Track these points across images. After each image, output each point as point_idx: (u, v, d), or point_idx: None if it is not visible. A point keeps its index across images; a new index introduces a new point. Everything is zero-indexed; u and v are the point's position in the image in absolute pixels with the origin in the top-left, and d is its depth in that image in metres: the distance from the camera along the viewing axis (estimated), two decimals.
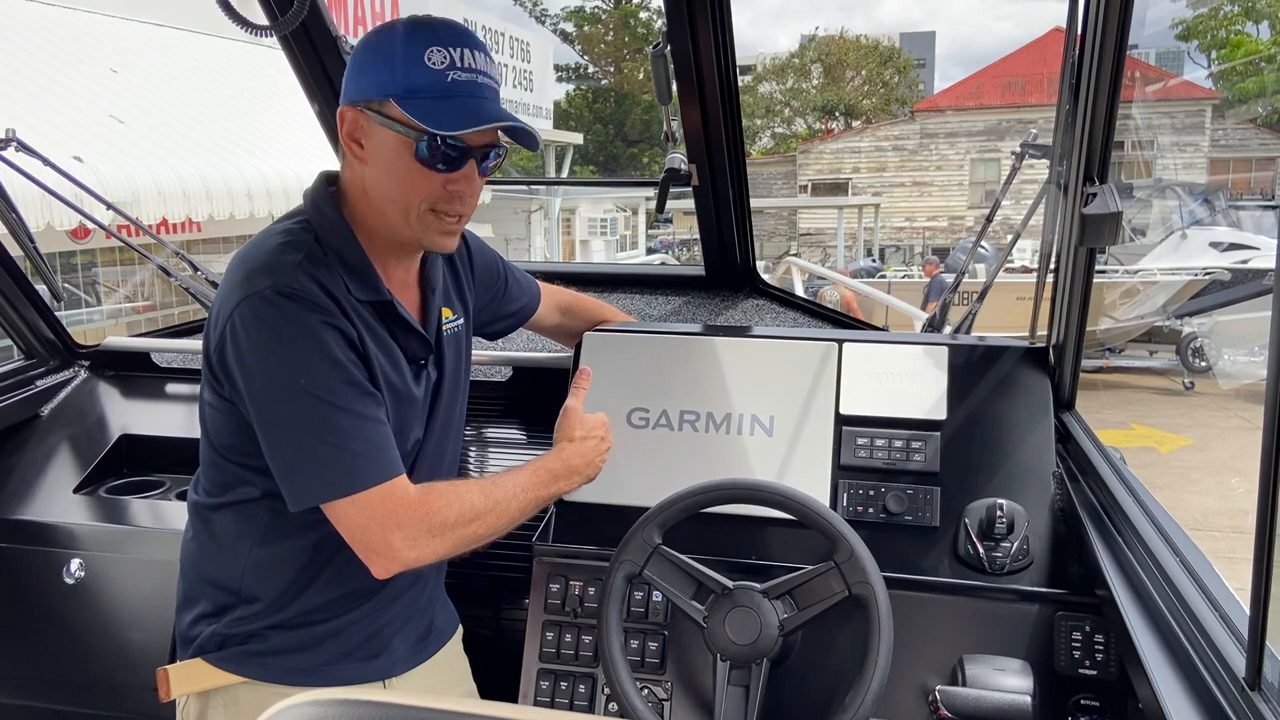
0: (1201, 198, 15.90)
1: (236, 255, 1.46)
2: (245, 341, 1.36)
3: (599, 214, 20.73)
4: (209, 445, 1.52)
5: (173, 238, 8.70)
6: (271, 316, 1.35)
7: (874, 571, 1.52)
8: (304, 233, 1.45)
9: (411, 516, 1.39)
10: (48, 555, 2.12)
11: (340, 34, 2.26)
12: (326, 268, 1.42)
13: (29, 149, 2.37)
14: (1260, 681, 1.06)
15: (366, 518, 1.37)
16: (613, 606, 1.58)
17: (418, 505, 1.40)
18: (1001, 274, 2.31)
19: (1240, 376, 10.91)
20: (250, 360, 1.36)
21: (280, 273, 1.37)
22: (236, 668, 1.51)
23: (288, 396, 1.35)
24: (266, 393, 1.37)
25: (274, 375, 1.36)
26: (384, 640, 1.59)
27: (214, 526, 1.53)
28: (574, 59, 37.00)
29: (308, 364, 1.35)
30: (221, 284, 1.45)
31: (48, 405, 2.52)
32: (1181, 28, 26.21)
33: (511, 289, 1.90)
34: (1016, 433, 1.82)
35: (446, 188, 1.43)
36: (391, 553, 1.38)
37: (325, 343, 1.36)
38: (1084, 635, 1.62)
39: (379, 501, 1.37)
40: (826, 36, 39.25)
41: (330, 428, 1.35)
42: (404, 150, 1.40)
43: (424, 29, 1.40)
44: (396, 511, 1.38)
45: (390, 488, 1.38)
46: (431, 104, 1.37)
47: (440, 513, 1.41)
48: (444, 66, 1.39)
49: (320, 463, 1.36)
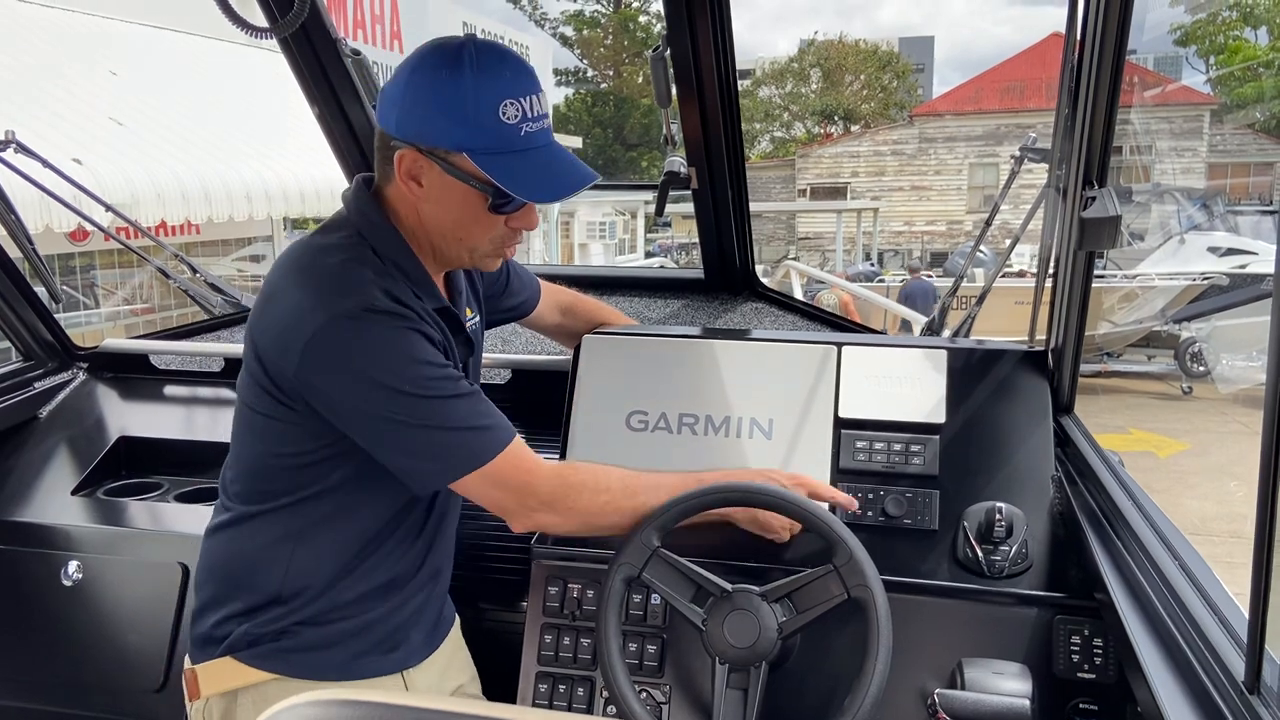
0: (1200, 203, 15.91)
1: (292, 270, 1.47)
2: (342, 361, 1.39)
3: (598, 217, 20.74)
4: (262, 454, 1.53)
5: (171, 240, 8.69)
6: (363, 334, 1.38)
7: (873, 575, 1.51)
8: (360, 246, 1.47)
9: (540, 468, 1.49)
10: (46, 557, 2.12)
11: (340, 36, 2.26)
12: (392, 279, 1.45)
13: (28, 151, 2.38)
14: (1259, 685, 1.06)
15: (505, 481, 1.47)
16: (611, 609, 1.58)
17: (544, 472, 1.50)
18: (1000, 278, 2.31)
19: (1239, 381, 10.91)
20: (348, 378, 1.39)
21: (359, 290, 1.40)
22: (268, 665, 1.52)
23: (398, 405, 1.39)
24: (372, 405, 1.40)
25: (377, 389, 1.39)
26: (404, 633, 1.61)
27: (256, 529, 1.54)
28: (573, 63, 37.09)
29: (406, 370, 1.39)
30: (279, 302, 1.44)
31: (46, 407, 2.52)
32: (1180, 33, 26.29)
33: (513, 283, 1.91)
34: (1015, 436, 1.82)
35: (508, 225, 1.50)
36: (533, 499, 1.49)
37: (417, 347, 1.41)
38: (1083, 639, 1.62)
39: (509, 462, 1.46)
40: (825, 41, 39.28)
41: (442, 417, 1.41)
42: (475, 201, 1.43)
43: (491, 76, 1.39)
44: (526, 463, 1.48)
45: (510, 454, 1.45)
46: (509, 163, 1.39)
47: (577, 473, 1.55)
48: (517, 120, 1.40)
49: (441, 450, 1.43)
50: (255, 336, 1.48)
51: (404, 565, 1.60)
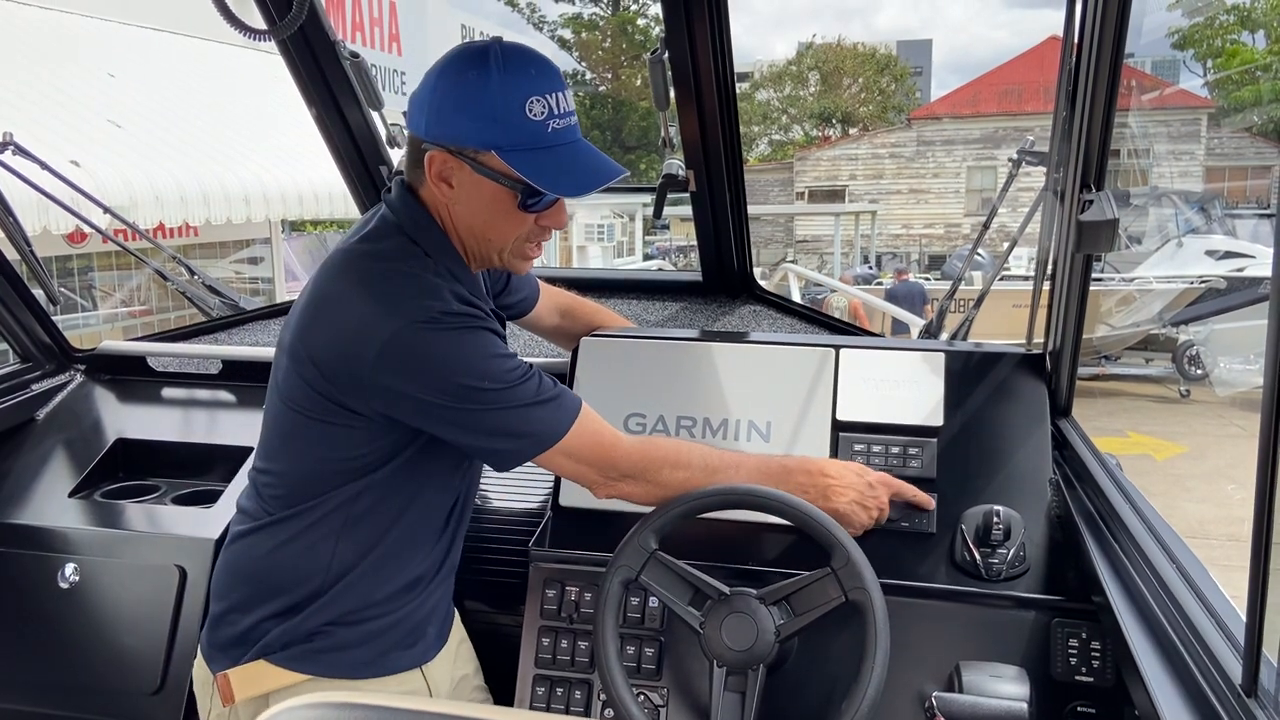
0: (1197, 206, 15.94)
1: (354, 281, 1.48)
2: (420, 364, 1.41)
3: (596, 220, 20.75)
4: (316, 459, 1.53)
5: (170, 242, 8.69)
6: (436, 336, 1.41)
7: (871, 578, 1.51)
8: (415, 251, 1.49)
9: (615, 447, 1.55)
10: (42, 559, 2.12)
11: (338, 39, 2.26)
12: (450, 282, 1.48)
13: (26, 153, 2.37)
14: (1256, 688, 1.06)
15: (585, 446, 1.52)
16: (609, 612, 1.58)
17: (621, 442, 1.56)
18: (998, 281, 2.31)
19: (1236, 384, 10.93)
20: (430, 380, 1.42)
21: (431, 295, 1.43)
22: (300, 666, 1.54)
23: (480, 398, 1.44)
24: (455, 401, 1.43)
25: (459, 386, 1.43)
26: (423, 628, 1.64)
27: (300, 530, 1.55)
28: (571, 65, 37.08)
29: (484, 367, 1.44)
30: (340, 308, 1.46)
31: (43, 409, 2.52)
32: (1177, 36, 26.29)
33: (513, 281, 1.92)
34: (1013, 439, 1.82)
35: (538, 223, 1.51)
36: (616, 459, 1.55)
37: (491, 344, 1.47)
38: (1080, 642, 1.62)
39: (584, 428, 1.52)
40: (824, 44, 39.34)
41: (520, 398, 1.46)
42: (505, 199, 1.45)
43: (517, 74, 1.41)
44: (600, 425, 1.55)
45: (583, 423, 1.52)
46: (537, 159, 1.41)
47: (654, 446, 1.59)
48: (544, 117, 1.42)
49: (523, 431, 1.48)
50: (310, 343, 1.47)
51: (430, 561, 1.63)
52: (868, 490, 1.68)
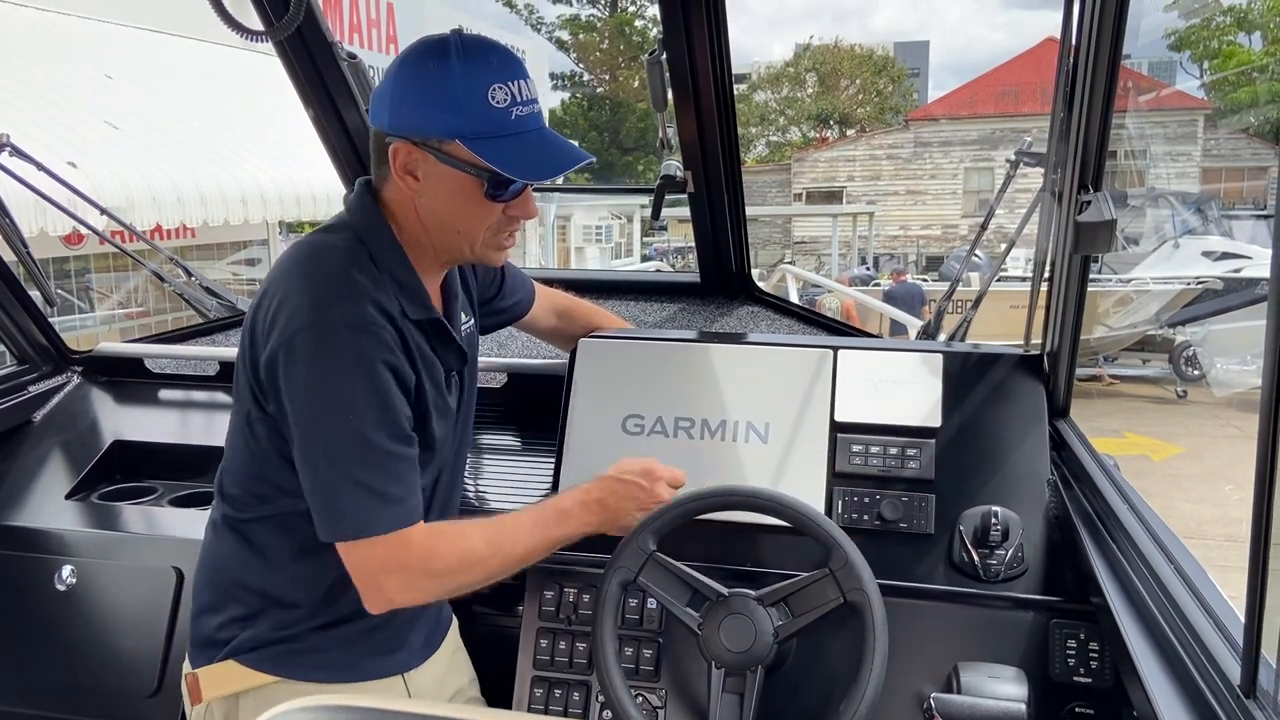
0: (1194, 207, 15.96)
1: (293, 267, 1.46)
2: (304, 366, 1.38)
3: (594, 221, 20.76)
4: (251, 456, 1.52)
5: (167, 243, 8.69)
6: (334, 347, 1.38)
7: (869, 579, 1.51)
8: (358, 250, 1.46)
9: (414, 563, 1.42)
10: (39, 561, 2.11)
11: (336, 40, 2.26)
12: (385, 290, 1.45)
13: (23, 154, 2.37)
14: (1255, 689, 1.06)
15: (372, 562, 1.41)
16: (607, 613, 1.58)
17: (422, 552, 1.43)
18: (996, 282, 2.31)
19: (1234, 385, 10.93)
20: (305, 386, 1.39)
21: (349, 301, 1.40)
22: (271, 668, 1.52)
23: (334, 429, 1.38)
24: (314, 421, 1.39)
25: (326, 405, 1.38)
26: (404, 635, 1.62)
27: (252, 536, 1.54)
28: (569, 67, 37.11)
29: (360, 400, 1.38)
30: (276, 295, 1.43)
31: (40, 411, 2.51)
32: (1174, 38, 26.33)
33: (507, 285, 1.91)
34: (1011, 440, 1.82)
35: (507, 213, 1.49)
36: (385, 597, 1.43)
37: (382, 380, 1.39)
38: (1079, 643, 1.62)
39: (386, 548, 1.40)
40: (821, 45, 39.38)
41: (363, 467, 1.38)
42: (471, 188, 1.43)
43: (479, 63, 1.40)
44: (402, 558, 1.41)
45: (404, 535, 1.41)
46: (501, 146, 1.39)
47: (443, 559, 1.45)
48: (507, 104, 1.40)
49: (347, 501, 1.39)
50: (249, 329, 1.48)
51: None
52: (642, 493, 1.61)
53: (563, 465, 1.92)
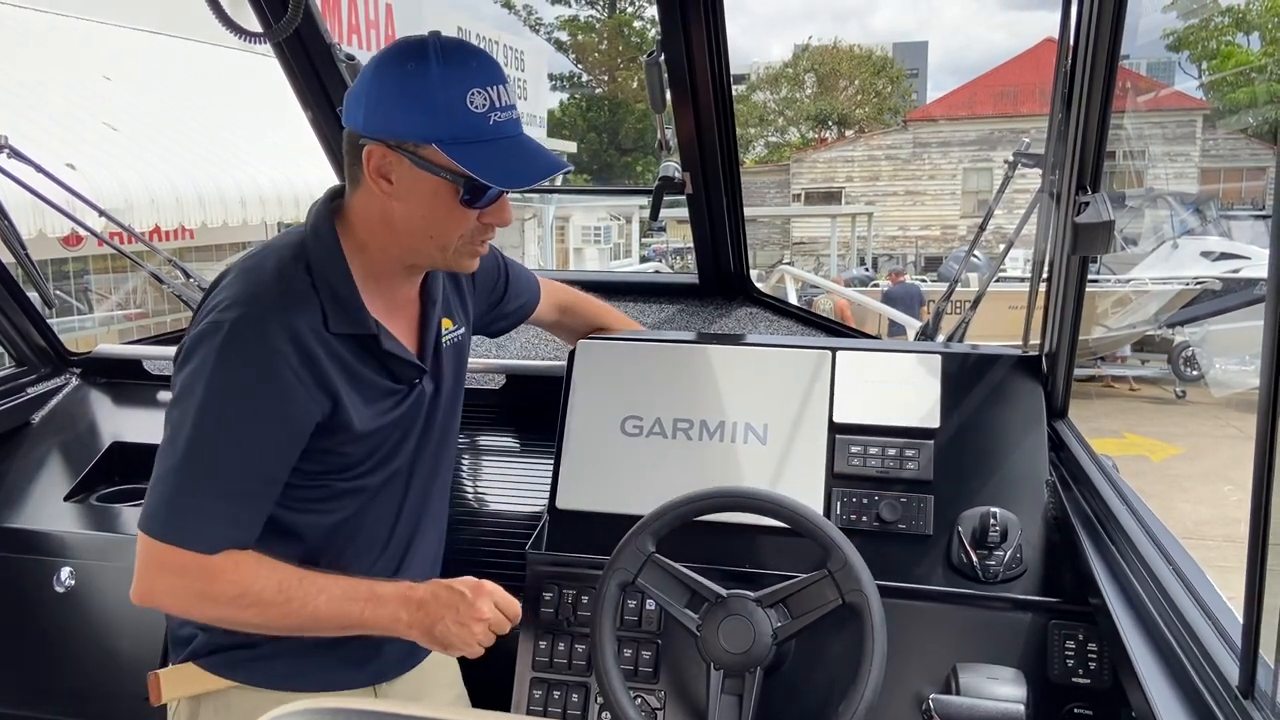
0: (1193, 207, 15.98)
1: (238, 264, 1.46)
2: (184, 356, 1.39)
3: (593, 222, 20.76)
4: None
5: (165, 245, 8.67)
6: (214, 348, 1.36)
7: (867, 580, 1.51)
8: (296, 260, 1.43)
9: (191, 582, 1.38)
10: (38, 563, 2.11)
11: (334, 41, 2.26)
12: (306, 301, 1.41)
13: (21, 155, 2.37)
14: (1253, 690, 1.06)
15: (151, 563, 1.38)
16: (606, 615, 1.58)
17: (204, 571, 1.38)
18: (994, 283, 2.31)
19: (1232, 385, 10.94)
20: (186, 379, 1.38)
21: (253, 309, 1.37)
22: (228, 672, 1.51)
23: (185, 425, 1.36)
24: (181, 409, 1.37)
25: (187, 400, 1.37)
26: (375, 646, 1.58)
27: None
28: (568, 68, 37.13)
29: (217, 406, 1.36)
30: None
31: (39, 413, 2.51)
32: (1173, 38, 26.36)
33: (511, 288, 1.89)
34: (1009, 441, 1.82)
35: (482, 220, 1.46)
36: (151, 599, 1.40)
37: (250, 393, 1.37)
38: (1077, 644, 1.62)
39: (174, 560, 1.37)
40: (820, 46, 39.40)
41: (194, 473, 1.37)
42: (446, 193, 1.40)
43: (458, 67, 1.37)
44: (181, 575, 1.38)
45: (194, 557, 1.37)
46: (478, 151, 1.37)
47: (225, 586, 1.39)
48: (485, 109, 1.37)
49: (163, 499, 1.38)
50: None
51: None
52: (463, 604, 1.48)
53: (561, 467, 1.92)
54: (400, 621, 1.46)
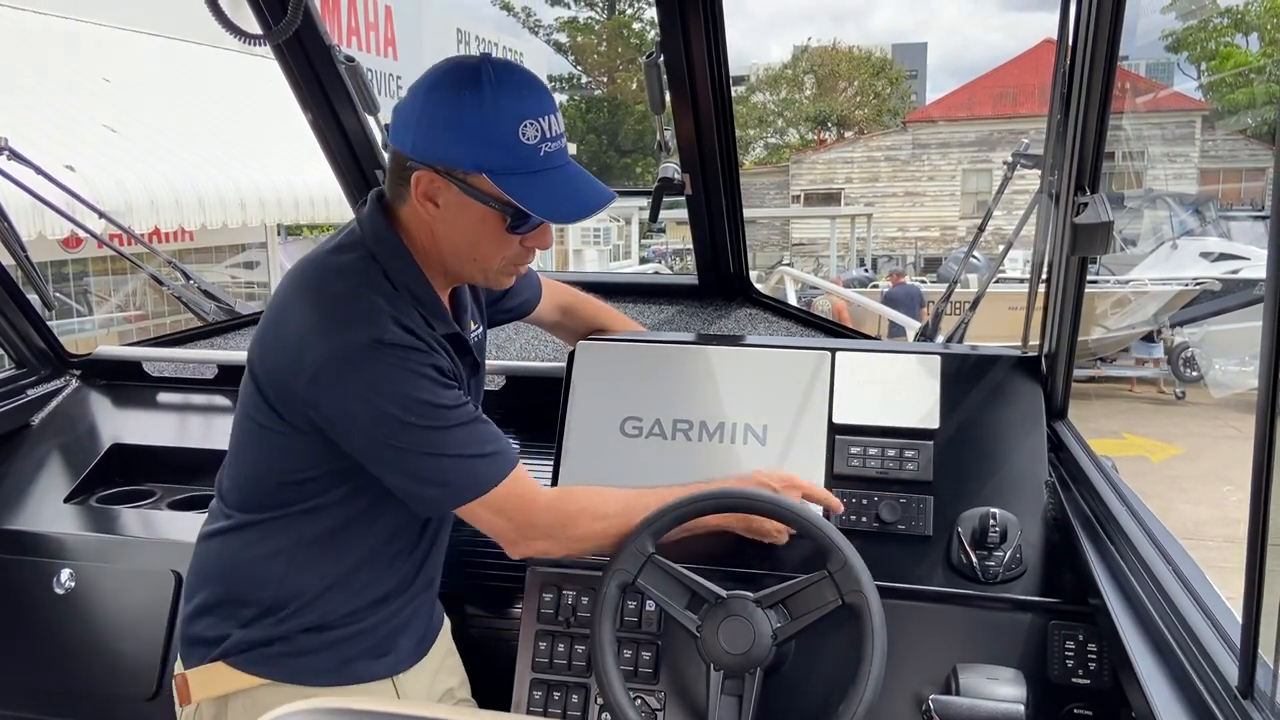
0: (1192, 208, 15.98)
1: (305, 290, 1.46)
2: (347, 390, 1.39)
3: (592, 223, 20.73)
4: (254, 465, 1.53)
5: (165, 247, 8.67)
6: (372, 366, 1.38)
7: (867, 581, 1.51)
8: (372, 269, 1.45)
9: (541, 493, 1.52)
10: (38, 565, 2.11)
11: (333, 43, 2.26)
12: (405, 306, 1.45)
13: (21, 157, 2.37)
14: (1253, 690, 1.06)
15: (505, 508, 1.48)
16: (606, 616, 1.58)
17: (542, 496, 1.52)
18: (993, 284, 2.31)
19: (1232, 386, 10.94)
20: (356, 407, 1.40)
21: (371, 320, 1.39)
22: (260, 670, 1.53)
23: (401, 436, 1.40)
24: (380, 434, 1.41)
25: (384, 419, 1.39)
26: (395, 639, 1.62)
27: (247, 540, 1.54)
28: (567, 69, 37.11)
29: (414, 404, 1.40)
30: (291, 316, 1.45)
31: (39, 414, 2.51)
32: (1171, 39, 26.34)
33: (516, 283, 1.88)
34: (1009, 442, 1.83)
35: (524, 244, 1.49)
36: (532, 530, 1.51)
37: (427, 379, 1.41)
38: (1077, 644, 1.62)
39: (507, 491, 1.47)
40: (819, 47, 39.41)
41: (446, 445, 1.42)
42: (493, 221, 1.42)
43: (510, 96, 1.38)
44: (527, 490, 1.50)
45: (511, 483, 1.47)
46: (530, 183, 1.38)
47: (569, 501, 1.57)
48: (537, 140, 1.39)
49: (444, 479, 1.44)
50: (262, 351, 1.48)
51: (398, 579, 1.60)
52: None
53: (561, 468, 1.92)
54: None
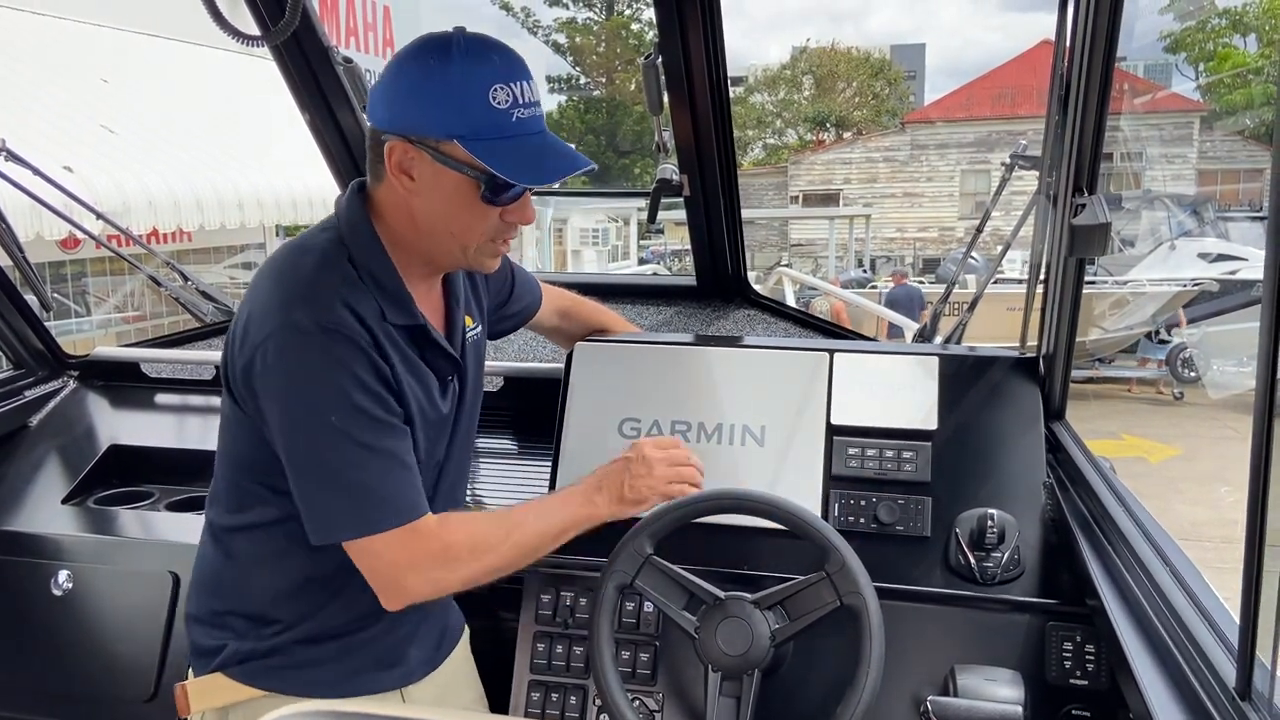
0: (1190, 209, 15.99)
1: (270, 269, 1.45)
2: (278, 371, 1.35)
3: (591, 224, 20.78)
4: (227, 460, 1.52)
5: (163, 248, 8.66)
6: (306, 350, 1.34)
7: (865, 582, 1.51)
8: (338, 251, 1.43)
9: (426, 555, 1.41)
10: (36, 566, 2.11)
11: (332, 44, 2.26)
12: (362, 292, 1.41)
13: (18, 158, 2.37)
14: (1250, 691, 1.06)
15: (383, 559, 1.39)
16: (604, 617, 1.58)
17: (431, 541, 1.41)
18: (992, 285, 2.31)
19: (1229, 387, 10.95)
20: (281, 391, 1.36)
21: (319, 303, 1.36)
22: (258, 682, 1.50)
23: (317, 432, 1.35)
24: (296, 425, 1.37)
25: (305, 409, 1.36)
26: (402, 650, 1.59)
27: (232, 548, 1.53)
28: (566, 70, 37.11)
29: (339, 401, 1.35)
30: (253, 296, 1.42)
31: (36, 416, 2.51)
32: (1169, 40, 26.38)
33: (517, 289, 1.88)
34: (1007, 443, 1.83)
35: (504, 219, 1.45)
36: (405, 592, 1.42)
37: (359, 379, 1.36)
38: (1075, 645, 1.62)
39: (396, 543, 1.38)
40: (817, 48, 39.45)
41: (356, 466, 1.36)
42: (468, 190, 1.39)
43: (482, 63, 1.36)
44: (413, 551, 1.40)
45: (409, 529, 1.39)
46: (500, 148, 1.35)
47: (454, 547, 1.43)
48: (508, 105, 1.36)
49: (343, 502, 1.37)
50: (230, 333, 1.46)
51: None
52: (633, 465, 1.61)
53: (559, 469, 1.92)
54: (598, 506, 1.58)
